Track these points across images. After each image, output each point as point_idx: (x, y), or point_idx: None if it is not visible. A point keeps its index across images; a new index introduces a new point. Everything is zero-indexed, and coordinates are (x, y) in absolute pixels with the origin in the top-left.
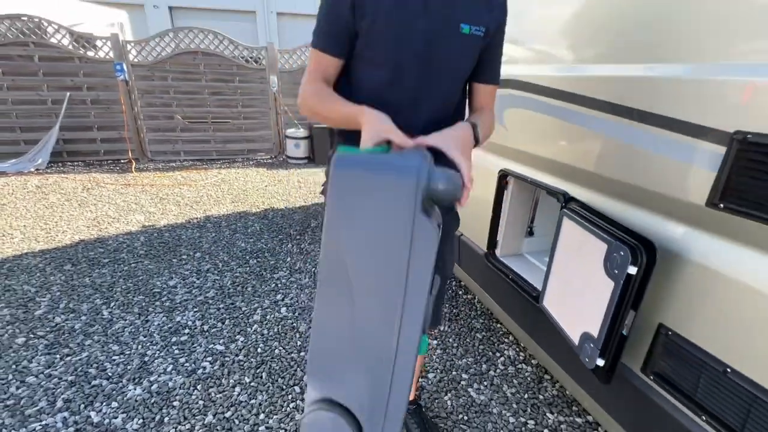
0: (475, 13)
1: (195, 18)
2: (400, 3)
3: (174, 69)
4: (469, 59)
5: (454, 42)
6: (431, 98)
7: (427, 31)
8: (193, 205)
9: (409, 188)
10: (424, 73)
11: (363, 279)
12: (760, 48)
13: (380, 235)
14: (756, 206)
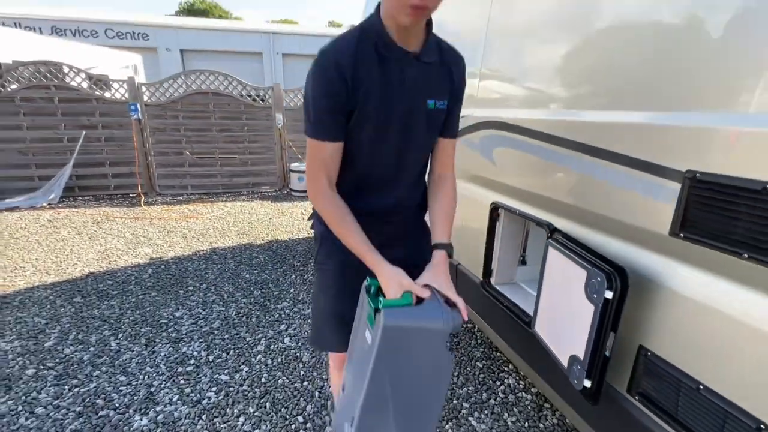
0: (438, 90)
1: (205, 59)
2: (386, 82)
3: (185, 108)
4: (435, 129)
5: (422, 116)
6: (408, 162)
7: (404, 107)
8: (200, 238)
9: (443, 335)
10: (402, 142)
11: (401, 403)
12: (706, 99)
13: (418, 369)
14: (708, 235)
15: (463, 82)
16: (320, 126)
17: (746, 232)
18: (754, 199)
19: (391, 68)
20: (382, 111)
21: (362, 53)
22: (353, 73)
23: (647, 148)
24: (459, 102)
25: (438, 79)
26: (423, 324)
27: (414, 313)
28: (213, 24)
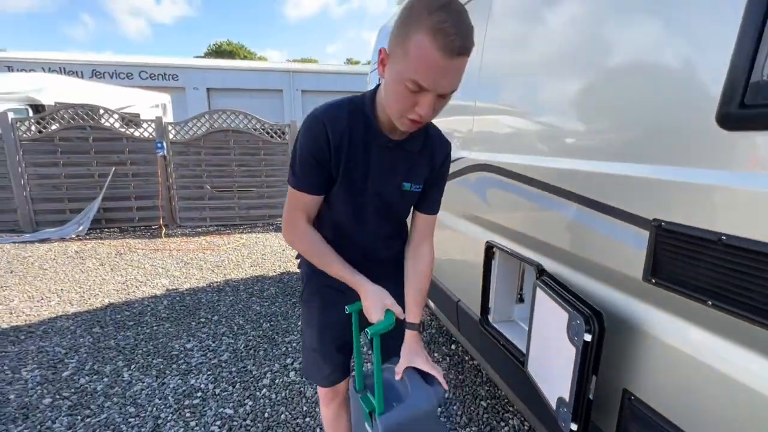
0: (415, 175)
1: (229, 96)
2: (367, 163)
3: (207, 145)
4: (409, 205)
5: (397, 195)
6: (380, 224)
7: (377, 185)
8: (215, 269)
9: (434, 412)
10: (374, 209)
11: None
12: (667, 154)
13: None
14: (677, 282)
15: (445, 167)
16: (304, 180)
17: (709, 279)
18: (712, 248)
19: (374, 152)
20: (357, 183)
21: (351, 128)
22: (338, 144)
23: (621, 197)
24: (438, 185)
25: (417, 165)
26: (416, 412)
27: (406, 407)
28: (236, 64)
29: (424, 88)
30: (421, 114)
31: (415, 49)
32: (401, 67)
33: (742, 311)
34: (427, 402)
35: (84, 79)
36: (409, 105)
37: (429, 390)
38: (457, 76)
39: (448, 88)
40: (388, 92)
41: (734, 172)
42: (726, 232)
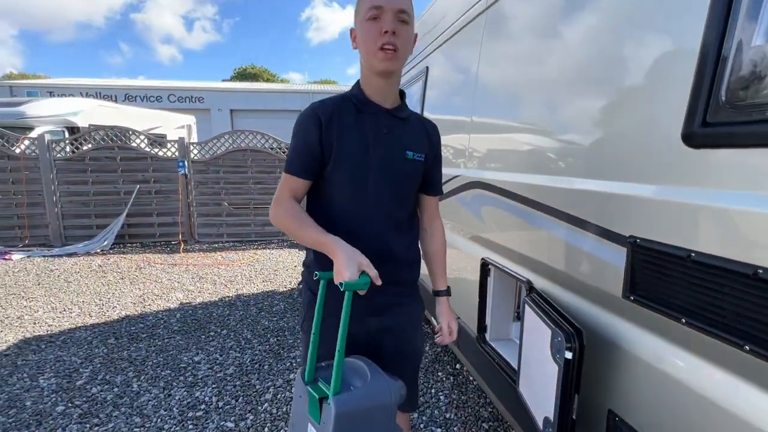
0: (416, 144)
1: (251, 117)
2: (361, 131)
3: (226, 164)
4: (414, 177)
5: (401, 164)
6: (389, 207)
7: (380, 156)
8: (227, 284)
9: (392, 409)
10: (381, 187)
11: None
12: (638, 170)
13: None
14: (653, 299)
15: (439, 144)
16: (292, 163)
17: (681, 297)
18: (682, 266)
19: (367, 120)
20: (357, 157)
21: (340, 107)
22: (328, 120)
23: (599, 213)
24: (437, 165)
25: (414, 133)
26: (373, 402)
27: (362, 394)
28: (258, 86)
29: (379, 6)
30: (387, 28)
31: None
32: (362, 14)
33: (711, 329)
34: (387, 394)
35: (117, 102)
36: (376, 33)
37: (392, 383)
38: (404, 1)
39: (400, 4)
40: (360, 43)
41: (700, 189)
42: (695, 249)
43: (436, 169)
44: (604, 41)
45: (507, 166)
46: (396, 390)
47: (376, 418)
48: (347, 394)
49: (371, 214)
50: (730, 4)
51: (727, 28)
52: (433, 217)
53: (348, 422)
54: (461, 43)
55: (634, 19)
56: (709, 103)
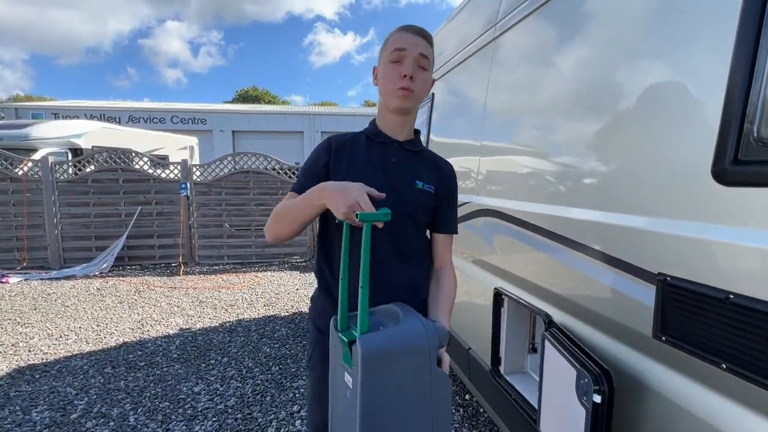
0: (426, 175)
1: (252, 138)
2: (369, 160)
3: (228, 186)
4: (424, 207)
5: (410, 192)
6: (398, 236)
7: (389, 182)
8: (228, 309)
9: (431, 353)
10: (392, 223)
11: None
12: (668, 206)
13: (414, 399)
14: (687, 341)
15: (453, 184)
16: (297, 182)
17: (721, 340)
18: (719, 307)
19: (377, 149)
20: (365, 177)
21: (354, 139)
22: (339, 147)
23: (629, 250)
24: (449, 203)
25: (424, 165)
26: (407, 344)
27: (393, 334)
28: (259, 108)
29: (402, 49)
30: (406, 73)
31: (390, 40)
32: (385, 56)
33: (756, 376)
34: (422, 335)
35: (121, 124)
36: (396, 75)
37: (429, 325)
38: (425, 46)
39: (421, 50)
40: (381, 82)
41: (731, 228)
42: (733, 290)
43: (448, 207)
44: (629, 72)
45: (524, 195)
46: (433, 332)
47: (412, 361)
48: (376, 333)
49: (379, 242)
50: (757, 41)
51: (755, 65)
52: (444, 258)
53: (379, 364)
54: (469, 71)
55: (658, 52)
56: (740, 140)
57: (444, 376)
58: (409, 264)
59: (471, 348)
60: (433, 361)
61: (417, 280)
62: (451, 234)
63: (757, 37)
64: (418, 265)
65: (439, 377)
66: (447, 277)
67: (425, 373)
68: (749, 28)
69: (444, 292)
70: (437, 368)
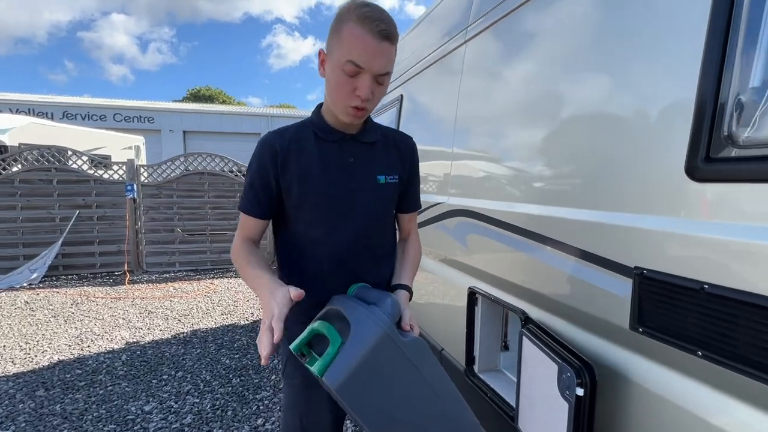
0: (387, 167)
1: (205, 139)
2: (324, 160)
3: (180, 188)
4: (390, 202)
5: (374, 192)
6: (366, 240)
7: (349, 188)
8: (182, 319)
9: (391, 334)
10: (355, 221)
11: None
12: (644, 202)
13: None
14: (662, 330)
15: (416, 158)
16: (246, 201)
17: (696, 329)
18: (694, 297)
19: (330, 148)
20: (324, 193)
21: (299, 136)
22: (285, 156)
23: (606, 245)
24: (413, 179)
25: (383, 155)
26: (367, 348)
27: (351, 348)
28: (213, 108)
29: (360, 67)
30: (361, 95)
31: (347, 35)
32: (337, 55)
33: (731, 362)
34: (374, 329)
35: (54, 120)
36: (350, 90)
37: (376, 314)
38: (387, 58)
39: (380, 68)
40: (329, 86)
41: (704, 221)
42: (707, 280)
43: (412, 185)
44: (604, 74)
45: (497, 194)
46: (381, 318)
47: (383, 354)
48: (334, 365)
49: (347, 251)
50: (725, 46)
51: (724, 65)
52: (409, 229)
53: (356, 384)
54: (441, 73)
55: (634, 53)
56: (711, 139)
57: (412, 340)
58: (382, 265)
59: (444, 349)
60: (396, 337)
61: (387, 276)
62: (417, 210)
63: (724, 41)
64: (390, 262)
65: (411, 345)
66: (413, 244)
67: (397, 353)
68: (718, 34)
69: (408, 255)
70: (403, 338)
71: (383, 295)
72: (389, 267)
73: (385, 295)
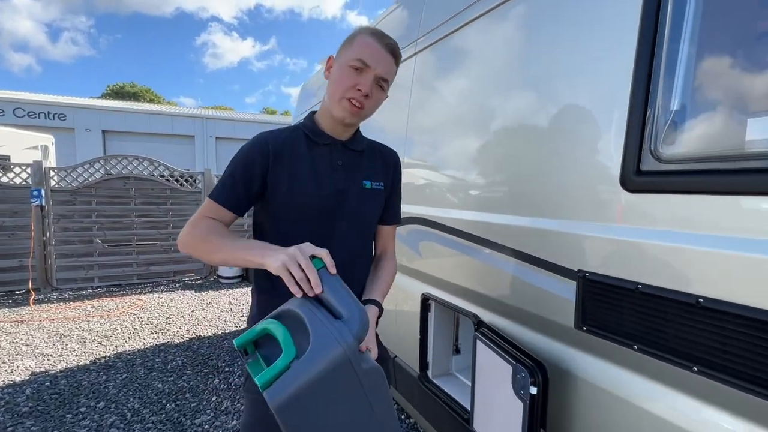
0: (373, 173)
1: (130, 140)
2: (314, 162)
3: (100, 194)
4: (372, 207)
5: (360, 196)
6: (351, 245)
7: (338, 190)
8: (102, 341)
9: (351, 356)
10: (341, 224)
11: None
12: (586, 210)
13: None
14: (605, 328)
15: (398, 172)
16: (221, 189)
17: (632, 324)
18: (630, 296)
19: (320, 151)
20: (313, 194)
21: (292, 138)
22: (278, 153)
23: (551, 250)
24: (396, 192)
25: (370, 163)
26: (322, 367)
27: (304, 366)
28: (141, 107)
29: (366, 64)
30: (362, 90)
31: (359, 41)
32: (347, 56)
33: (662, 353)
34: (334, 346)
35: None
36: (352, 84)
37: (336, 326)
38: (390, 67)
39: (383, 71)
40: (334, 80)
41: (638, 227)
42: (641, 281)
43: (394, 196)
44: (551, 92)
45: (448, 203)
46: (346, 339)
47: (337, 379)
48: (283, 377)
49: (333, 255)
50: (649, 75)
51: (649, 92)
52: (387, 246)
53: (298, 406)
54: None
55: (572, 75)
56: (641, 154)
57: (372, 368)
58: (363, 274)
59: (397, 356)
60: (357, 364)
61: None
62: (396, 224)
63: (649, 72)
64: (366, 276)
65: (369, 373)
66: (389, 262)
67: (352, 381)
68: (643, 66)
69: (384, 271)
70: (363, 365)
71: (355, 309)
72: (365, 279)
73: (356, 310)
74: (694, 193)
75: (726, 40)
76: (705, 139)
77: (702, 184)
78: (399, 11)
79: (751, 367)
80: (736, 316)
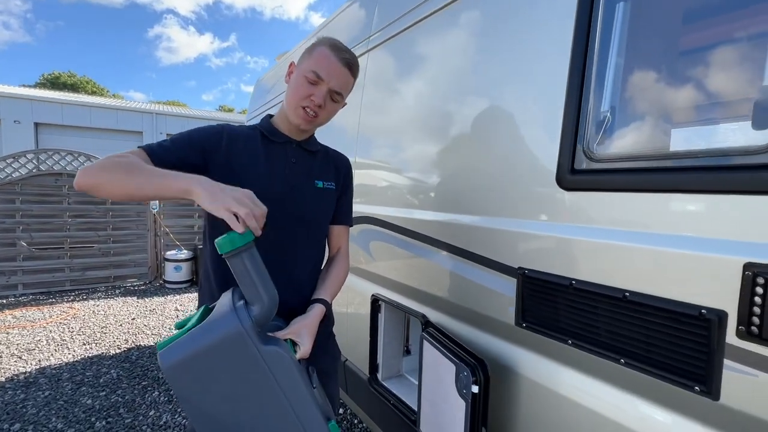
0: (325, 174)
1: (68, 135)
2: (268, 159)
3: (27, 191)
4: (324, 206)
5: (312, 194)
6: (302, 245)
7: (290, 186)
8: (23, 356)
9: (249, 335)
10: (292, 223)
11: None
12: (524, 208)
13: (242, 386)
14: (542, 324)
15: (350, 177)
16: (158, 146)
17: (568, 320)
18: (565, 292)
19: (275, 148)
20: (266, 182)
21: (248, 134)
22: (232, 139)
23: (494, 248)
24: (347, 195)
25: (323, 164)
26: (213, 339)
27: (197, 334)
28: (82, 99)
29: (320, 78)
30: (315, 101)
31: (317, 53)
32: (305, 66)
33: (592, 347)
34: (230, 322)
35: None
36: (306, 94)
37: (235, 312)
38: (344, 81)
39: (336, 85)
40: (291, 88)
41: (572, 225)
42: (575, 277)
43: (345, 196)
44: (491, 95)
45: (396, 202)
46: (243, 317)
47: (231, 351)
48: (176, 342)
49: (283, 256)
50: (583, 76)
51: (582, 99)
52: (340, 245)
53: (187, 372)
54: None
55: (512, 79)
56: (575, 154)
57: (272, 350)
58: (314, 274)
59: (348, 359)
60: (254, 339)
61: (312, 287)
62: (348, 225)
63: (582, 78)
64: (316, 277)
65: (270, 354)
66: (341, 262)
67: (250, 356)
68: (576, 72)
69: (335, 270)
70: (263, 345)
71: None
72: (314, 277)
73: (264, 296)
74: (621, 191)
75: (651, 50)
76: (632, 139)
77: (627, 183)
78: (353, 8)
79: (669, 357)
80: (657, 308)
